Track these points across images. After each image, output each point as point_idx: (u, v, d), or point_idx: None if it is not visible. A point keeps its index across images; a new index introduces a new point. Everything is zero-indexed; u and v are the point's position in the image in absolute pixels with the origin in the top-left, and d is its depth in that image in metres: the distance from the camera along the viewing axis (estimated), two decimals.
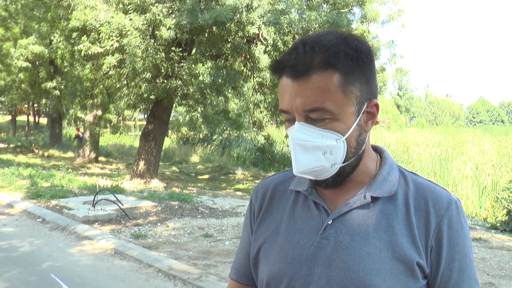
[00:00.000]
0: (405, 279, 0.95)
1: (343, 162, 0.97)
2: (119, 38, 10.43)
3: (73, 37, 12.49)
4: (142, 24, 10.08)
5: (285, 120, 0.99)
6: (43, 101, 21.62)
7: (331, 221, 1.01)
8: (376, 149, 1.08)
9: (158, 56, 10.43)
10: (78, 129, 24.67)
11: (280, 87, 0.97)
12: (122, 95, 14.46)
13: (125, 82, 12.97)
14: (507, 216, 8.39)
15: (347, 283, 0.95)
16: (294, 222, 1.06)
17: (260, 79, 11.77)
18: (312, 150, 0.94)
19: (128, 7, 10.52)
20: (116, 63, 11.00)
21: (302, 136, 0.94)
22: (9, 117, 35.45)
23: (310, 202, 1.06)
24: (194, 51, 12.33)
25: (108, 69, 11.29)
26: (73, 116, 23.44)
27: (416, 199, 1.01)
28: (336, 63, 0.92)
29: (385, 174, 1.03)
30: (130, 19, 10.11)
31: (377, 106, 1.00)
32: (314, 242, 1.01)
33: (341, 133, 0.94)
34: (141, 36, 10.13)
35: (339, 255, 0.97)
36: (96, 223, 7.28)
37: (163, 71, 10.84)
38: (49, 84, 18.94)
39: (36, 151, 19.90)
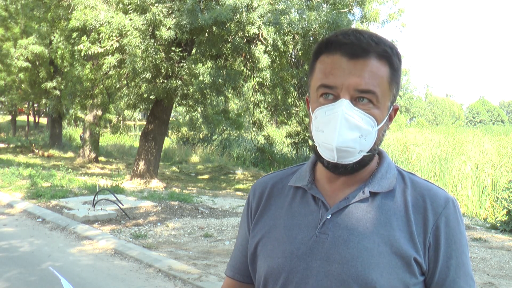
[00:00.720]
0: (402, 274, 0.97)
1: (367, 152, 0.99)
2: (119, 38, 10.43)
3: (73, 37, 12.48)
4: (142, 24, 10.08)
5: (321, 95, 0.99)
6: (43, 101, 21.58)
7: (330, 215, 1.02)
8: None
9: (158, 56, 10.43)
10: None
11: (325, 63, 0.99)
12: (122, 95, 14.45)
13: (125, 82, 12.97)
14: (507, 216, 8.39)
15: (345, 277, 0.96)
16: (292, 217, 1.07)
17: (260, 79, 11.76)
18: (354, 129, 0.96)
19: (128, 7, 10.51)
20: (116, 63, 10.99)
21: (350, 112, 0.95)
22: (9, 117, 35.41)
23: (309, 198, 1.07)
24: (194, 51, 12.33)
25: (108, 69, 11.29)
26: (73, 116, 23.43)
27: (414, 197, 1.02)
28: (390, 58, 0.99)
29: (384, 172, 1.05)
30: (130, 19, 10.10)
31: (396, 111, 1.05)
32: (312, 237, 1.02)
33: (377, 121, 0.98)
34: (141, 36, 10.13)
35: (338, 249, 0.98)
36: (96, 223, 7.28)
37: (163, 71, 10.83)
38: (49, 84, 18.91)
39: (36, 151, 19.89)
